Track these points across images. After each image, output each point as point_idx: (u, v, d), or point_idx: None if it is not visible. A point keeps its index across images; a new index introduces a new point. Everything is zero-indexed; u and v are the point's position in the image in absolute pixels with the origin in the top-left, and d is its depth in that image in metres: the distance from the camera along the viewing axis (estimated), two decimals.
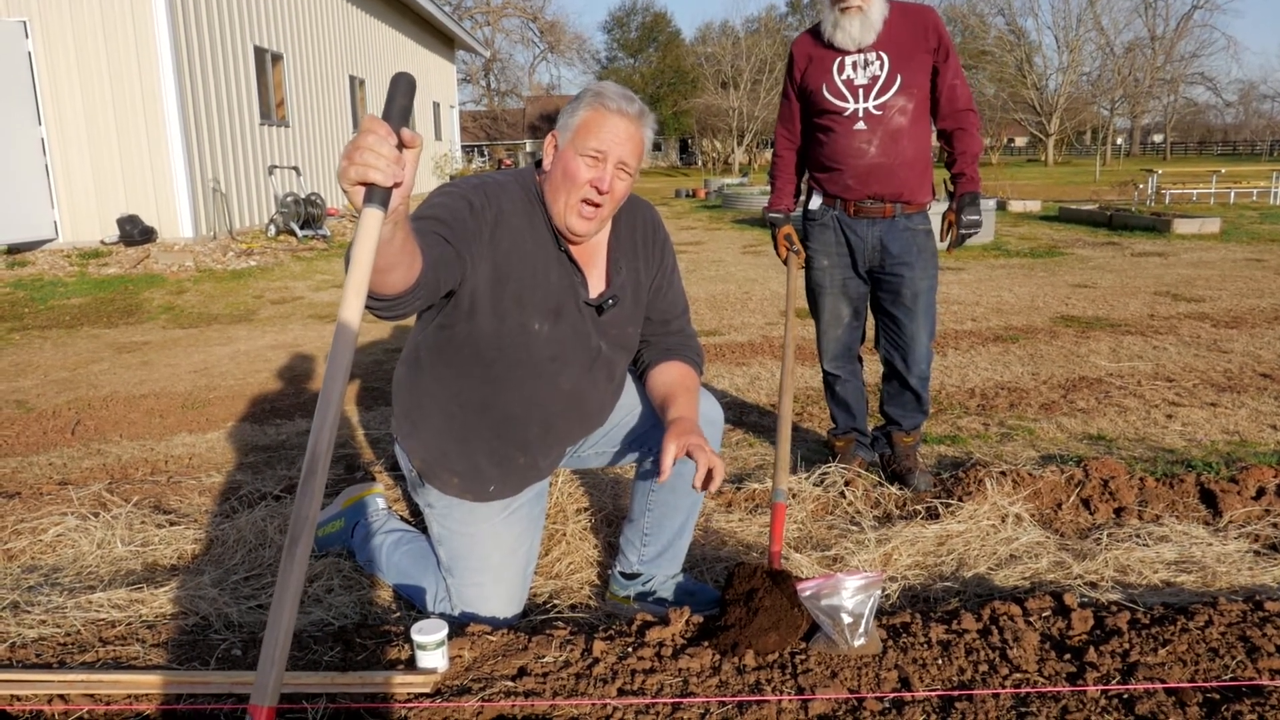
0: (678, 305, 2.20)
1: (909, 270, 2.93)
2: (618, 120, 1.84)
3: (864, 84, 2.83)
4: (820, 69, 2.88)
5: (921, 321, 2.97)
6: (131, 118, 9.43)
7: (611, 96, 1.86)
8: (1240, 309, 6.35)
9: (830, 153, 2.93)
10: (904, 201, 2.92)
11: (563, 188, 1.87)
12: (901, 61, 2.80)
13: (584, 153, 1.84)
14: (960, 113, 2.90)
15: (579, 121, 1.86)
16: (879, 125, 2.83)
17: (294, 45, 12.98)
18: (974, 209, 2.91)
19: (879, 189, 2.89)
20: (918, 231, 2.95)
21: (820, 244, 3.05)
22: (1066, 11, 49.20)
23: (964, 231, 2.91)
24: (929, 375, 3.08)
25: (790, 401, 2.52)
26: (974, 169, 2.93)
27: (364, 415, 4.14)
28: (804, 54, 2.94)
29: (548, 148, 1.94)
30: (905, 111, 2.83)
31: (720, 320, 6.45)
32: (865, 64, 2.82)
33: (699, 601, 2.21)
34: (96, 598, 2.21)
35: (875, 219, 2.93)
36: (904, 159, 2.87)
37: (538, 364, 1.97)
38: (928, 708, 1.60)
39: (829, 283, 3.07)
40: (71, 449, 3.79)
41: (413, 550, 2.32)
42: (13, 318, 6.99)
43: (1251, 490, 2.80)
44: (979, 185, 2.95)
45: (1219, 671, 1.67)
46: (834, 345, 3.15)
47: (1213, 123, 65.40)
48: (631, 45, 54.39)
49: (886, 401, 3.18)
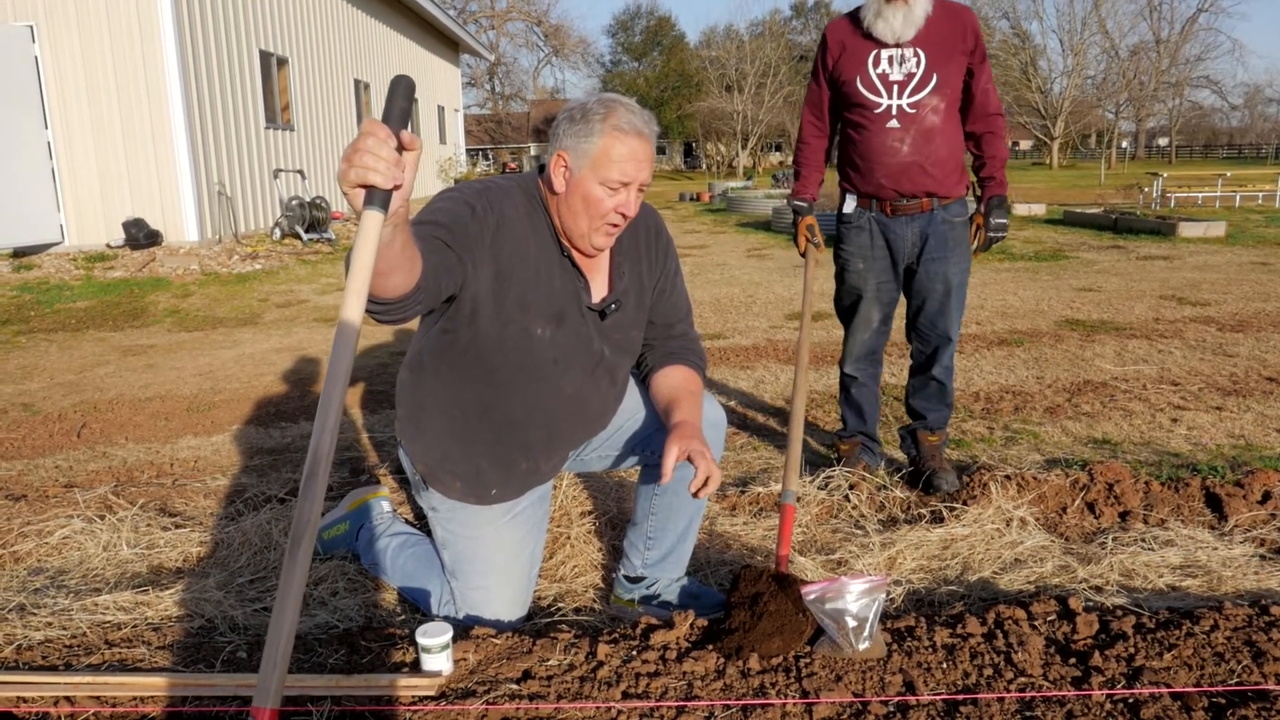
0: (681, 309, 2.20)
1: (943, 263, 2.92)
2: (636, 145, 1.81)
3: (899, 80, 2.77)
4: (854, 60, 2.82)
5: (953, 313, 2.97)
6: (137, 121, 9.47)
7: (624, 119, 1.81)
8: (1246, 313, 6.33)
9: (862, 150, 2.88)
10: (939, 196, 2.88)
11: (584, 214, 1.86)
12: (939, 60, 2.75)
13: (607, 182, 1.82)
14: (991, 116, 2.88)
15: (597, 150, 1.81)
16: (912, 123, 2.78)
17: (299, 49, 13.03)
18: (1002, 212, 2.90)
19: (910, 187, 2.85)
20: (955, 223, 2.92)
21: (856, 247, 3.00)
22: (1071, 15, 49.26)
23: (992, 235, 2.90)
24: (953, 367, 3.08)
25: (803, 401, 2.51)
26: (1002, 173, 2.92)
27: (368, 419, 4.15)
28: (838, 40, 2.87)
29: (556, 167, 1.87)
30: (939, 111, 2.79)
31: (725, 324, 6.45)
32: (901, 60, 2.76)
33: (703, 605, 2.21)
34: (102, 600, 2.21)
35: (914, 215, 2.90)
36: (937, 158, 2.83)
37: (540, 368, 1.97)
38: (932, 712, 1.59)
39: (864, 286, 3.03)
40: (77, 452, 3.80)
41: (417, 553, 2.33)
42: (19, 321, 7.02)
43: (1257, 494, 2.79)
44: (1007, 189, 2.94)
45: (1224, 676, 1.66)
46: (859, 348, 3.13)
47: (1218, 126, 65.32)
48: (636, 49, 54.44)
49: (911, 395, 3.18)
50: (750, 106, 42.32)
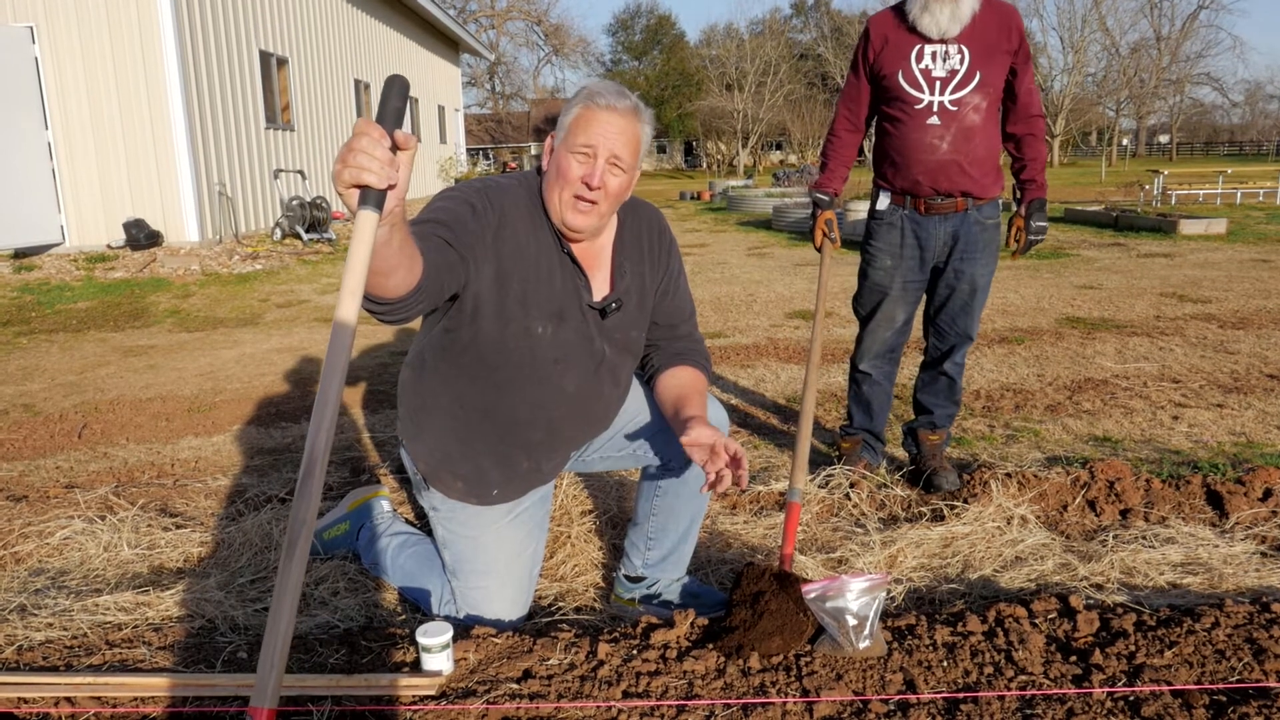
0: (684, 309, 2.20)
1: (972, 265, 2.91)
2: (608, 115, 1.84)
3: (942, 76, 2.74)
4: (897, 53, 2.78)
5: (975, 313, 2.98)
6: (137, 122, 9.46)
7: (602, 93, 1.86)
8: (1247, 310, 6.32)
9: (899, 145, 2.84)
10: (974, 196, 2.87)
11: (556, 184, 1.88)
12: (982, 58, 2.72)
13: (575, 150, 1.85)
14: (1033, 118, 2.87)
15: (571, 120, 1.87)
16: (953, 121, 2.75)
17: (299, 49, 13.02)
18: (1042, 215, 2.90)
19: (947, 186, 2.83)
20: (987, 225, 2.91)
21: (885, 244, 2.98)
22: (1071, 12, 49.03)
23: (1033, 238, 2.90)
24: (964, 364, 3.08)
25: (814, 399, 2.49)
26: (1043, 175, 2.91)
27: (369, 418, 4.15)
28: (881, 34, 2.83)
29: (546, 149, 1.95)
30: (980, 110, 2.76)
31: (725, 322, 6.45)
32: (945, 56, 2.73)
33: (704, 604, 2.21)
34: (103, 600, 2.21)
35: (948, 214, 2.88)
36: (975, 157, 2.80)
37: (541, 367, 1.97)
38: (933, 710, 1.59)
39: (890, 285, 2.99)
40: (78, 452, 3.81)
41: (418, 553, 2.33)
42: (20, 322, 7.02)
43: (1258, 492, 2.79)
44: (1046, 191, 2.94)
45: (1225, 674, 1.66)
46: (878, 345, 3.10)
47: (1219, 123, 65.21)
48: (636, 48, 54.41)
49: (920, 389, 3.17)
50: (750, 105, 42.31)
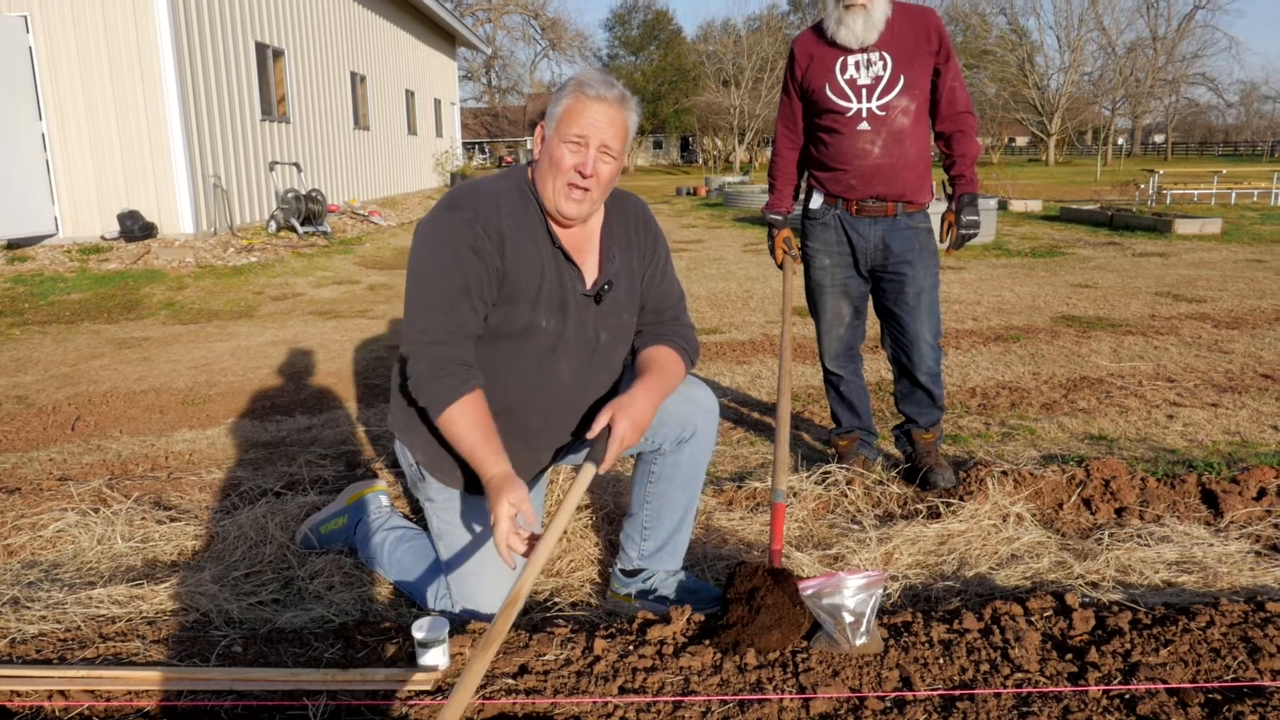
0: (672, 295, 2.23)
1: (911, 269, 2.94)
2: (598, 105, 1.89)
3: (867, 84, 2.82)
4: (822, 68, 2.87)
5: (925, 319, 2.98)
6: (132, 113, 9.41)
7: (591, 83, 1.91)
8: (1241, 310, 6.34)
9: (834, 153, 2.92)
10: (906, 200, 2.93)
11: (550, 174, 1.94)
12: (904, 62, 2.80)
13: (567, 139, 1.90)
14: (960, 115, 2.91)
15: (562, 110, 1.92)
16: (882, 126, 2.83)
17: (295, 41, 12.96)
18: (973, 210, 2.93)
19: (882, 189, 2.90)
20: (919, 230, 2.96)
21: (821, 243, 3.05)
22: (1068, 11, 49.04)
23: (964, 232, 2.93)
24: (939, 371, 3.08)
25: (788, 403, 2.52)
26: (972, 171, 2.95)
27: (364, 412, 4.14)
28: (805, 52, 2.93)
29: (536, 138, 2.00)
30: (908, 112, 2.84)
31: (721, 318, 6.44)
32: (868, 64, 2.82)
33: (700, 600, 2.21)
34: (97, 594, 2.21)
35: (878, 218, 2.94)
36: (907, 159, 2.87)
37: (538, 356, 2.00)
38: (929, 707, 1.60)
39: (830, 282, 3.07)
40: (72, 445, 3.79)
41: (414, 548, 2.33)
42: (13, 313, 6.99)
43: (1253, 491, 2.80)
44: (977, 186, 2.97)
45: (1220, 672, 1.66)
46: (836, 344, 3.15)
47: (1214, 123, 65.34)
48: (633, 43, 54.33)
49: (900, 400, 3.19)
50: (747, 101, 42.28)
